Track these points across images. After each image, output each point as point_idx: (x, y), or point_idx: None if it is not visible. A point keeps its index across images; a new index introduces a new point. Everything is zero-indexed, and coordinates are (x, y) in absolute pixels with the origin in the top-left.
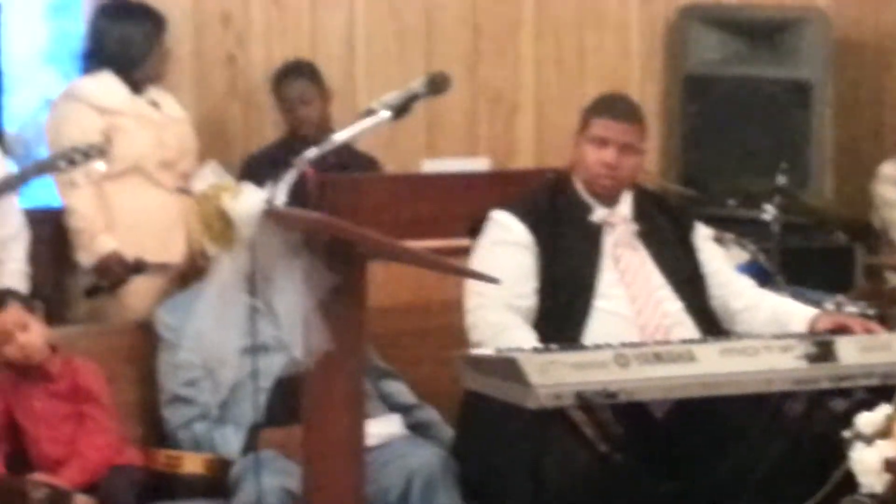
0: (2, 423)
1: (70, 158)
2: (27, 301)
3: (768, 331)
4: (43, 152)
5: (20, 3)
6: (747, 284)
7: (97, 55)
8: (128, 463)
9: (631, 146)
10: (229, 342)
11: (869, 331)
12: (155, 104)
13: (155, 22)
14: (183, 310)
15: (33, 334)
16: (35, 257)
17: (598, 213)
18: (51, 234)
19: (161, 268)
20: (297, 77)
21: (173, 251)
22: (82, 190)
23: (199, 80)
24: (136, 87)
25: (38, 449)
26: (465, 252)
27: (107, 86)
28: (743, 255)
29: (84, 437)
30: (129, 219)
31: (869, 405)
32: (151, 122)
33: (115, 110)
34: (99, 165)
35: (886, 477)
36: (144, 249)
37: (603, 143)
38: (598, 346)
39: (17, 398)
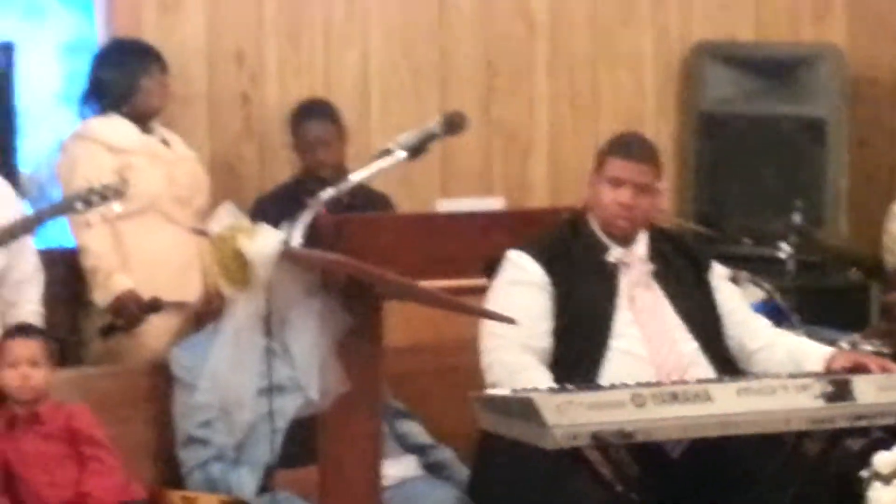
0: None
1: (87, 200)
2: (47, 342)
3: (784, 370)
4: (57, 193)
5: (34, 42)
6: (763, 324)
7: (90, 97)
8: (135, 499)
9: (646, 186)
10: (245, 383)
11: (885, 369)
12: (165, 142)
13: (140, 56)
14: (199, 350)
15: (40, 374)
16: (50, 298)
17: (614, 253)
18: (65, 274)
19: (177, 306)
20: (317, 118)
21: (189, 290)
22: (96, 229)
23: (212, 118)
24: (144, 125)
25: (39, 497)
26: (480, 292)
27: (115, 125)
28: (758, 294)
29: (91, 480)
30: (145, 257)
31: (886, 444)
32: (162, 160)
33: (126, 149)
34: (116, 207)
35: None
36: (160, 288)
37: (618, 183)
38: (614, 387)
39: (10, 444)
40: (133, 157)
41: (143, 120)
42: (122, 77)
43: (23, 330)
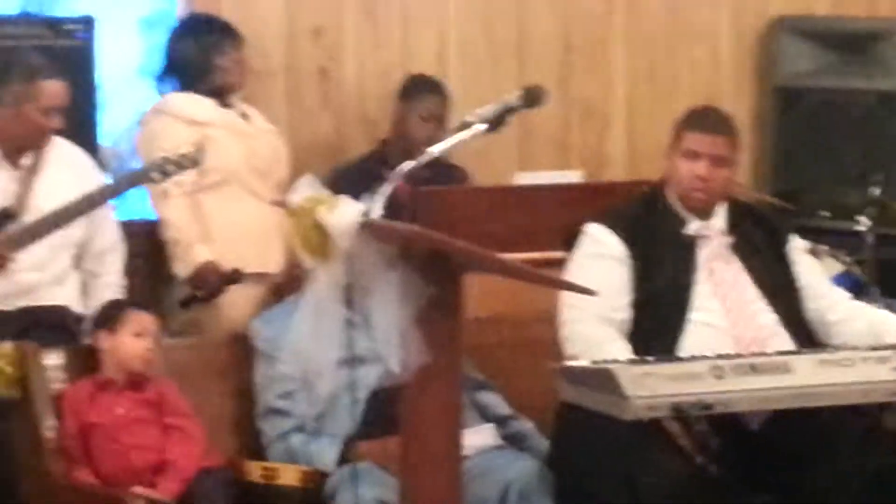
0: (79, 435)
1: (163, 169)
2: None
3: (864, 342)
4: (136, 166)
5: (114, 18)
6: (843, 296)
7: (167, 72)
8: (216, 465)
9: (723, 158)
10: (326, 354)
11: None
12: (244, 116)
13: (213, 32)
14: (280, 322)
15: (156, 350)
16: (131, 270)
17: (693, 226)
18: (146, 246)
19: (258, 278)
20: (435, 93)
21: (271, 261)
22: (176, 200)
23: (290, 93)
24: (223, 100)
25: (126, 458)
26: (558, 264)
27: (193, 100)
28: (837, 267)
29: (175, 447)
30: (226, 229)
31: None
32: (242, 133)
33: (205, 122)
34: (190, 175)
35: None
36: (241, 260)
37: (695, 156)
38: (693, 358)
39: (99, 408)
40: (211, 130)
41: (221, 95)
42: (196, 54)
43: (145, 304)
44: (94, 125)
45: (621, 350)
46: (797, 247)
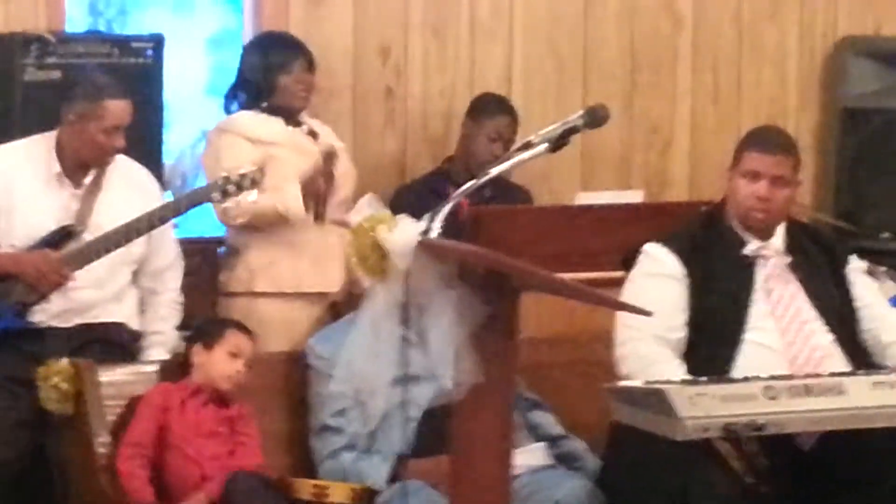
0: (156, 436)
1: (223, 189)
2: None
3: None
4: (199, 184)
5: (182, 35)
6: None
7: (235, 90)
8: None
9: (783, 178)
10: (380, 372)
11: None
12: (313, 134)
13: (283, 51)
14: (335, 340)
15: (248, 374)
16: (189, 286)
17: (751, 246)
18: (204, 263)
19: (319, 297)
20: (509, 115)
21: (331, 280)
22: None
23: (357, 112)
24: (289, 118)
25: (198, 467)
26: (616, 284)
27: (260, 119)
28: (895, 289)
29: (235, 462)
30: (288, 247)
31: None
32: (308, 151)
33: (269, 141)
34: (251, 196)
35: None
36: (302, 278)
37: (755, 176)
38: (746, 379)
39: (183, 414)
40: (276, 150)
41: (286, 114)
42: (262, 73)
43: (247, 328)
44: (160, 143)
45: (676, 370)
46: (855, 267)
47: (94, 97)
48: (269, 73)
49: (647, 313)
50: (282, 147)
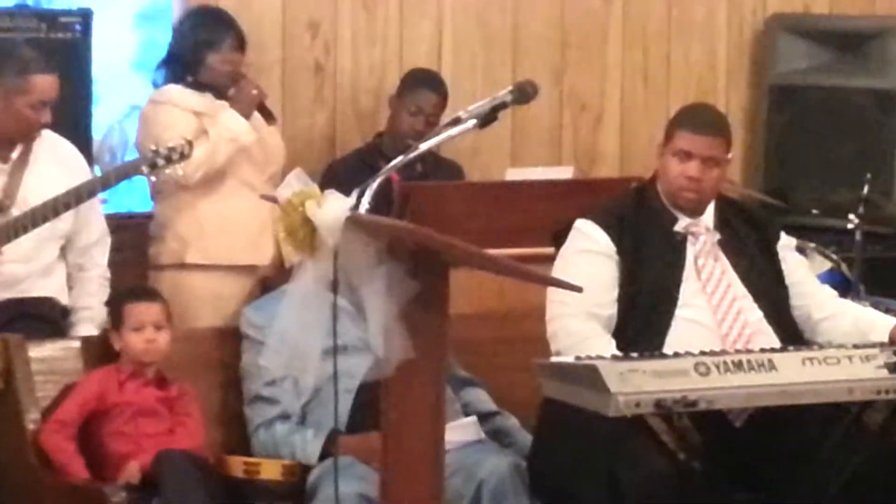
0: (93, 417)
1: (152, 162)
2: (166, 303)
3: (850, 340)
4: (128, 159)
5: (110, 11)
6: (829, 294)
7: (163, 64)
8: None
9: (714, 159)
10: (311, 346)
11: None
12: None
13: (211, 29)
14: (269, 310)
15: (164, 336)
16: (118, 262)
17: (682, 223)
18: (134, 238)
19: (250, 270)
20: (437, 93)
21: (263, 254)
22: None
23: (286, 87)
24: (218, 93)
25: (137, 445)
26: (547, 260)
27: (191, 91)
28: (825, 265)
29: (174, 442)
30: (219, 221)
31: None
32: None
33: (202, 112)
34: (179, 170)
35: None
36: (234, 252)
37: (686, 156)
38: (678, 355)
39: (123, 394)
40: (208, 121)
41: (213, 90)
42: (190, 49)
43: (143, 293)
44: (88, 118)
45: (606, 346)
46: (786, 244)
47: (21, 72)
48: (197, 50)
49: (577, 289)
50: (210, 118)
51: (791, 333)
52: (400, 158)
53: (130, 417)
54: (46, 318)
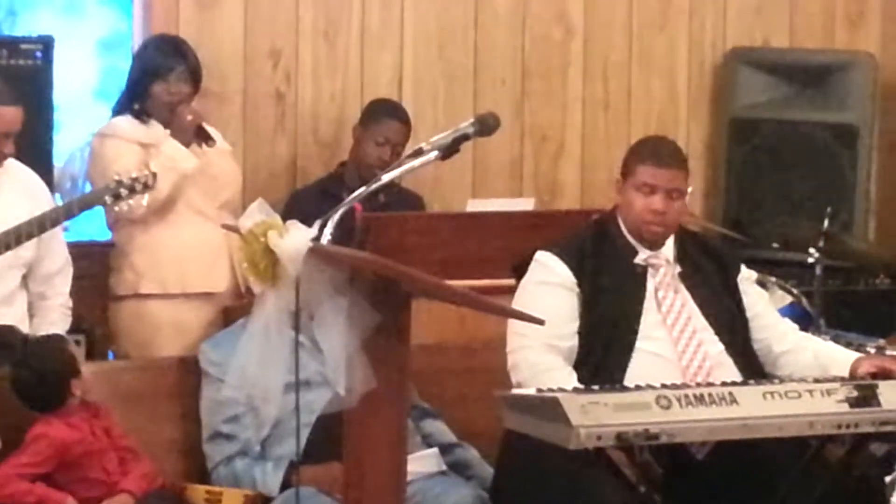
0: (60, 469)
1: (115, 192)
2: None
3: (810, 374)
4: (89, 187)
5: (71, 38)
6: (790, 328)
7: (129, 92)
8: (162, 487)
9: (678, 190)
10: (273, 378)
11: None
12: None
13: (162, 59)
14: (228, 345)
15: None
16: (79, 291)
17: (642, 256)
18: (95, 267)
19: (206, 297)
20: (400, 121)
21: (218, 280)
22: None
23: (247, 116)
24: (166, 123)
25: (107, 486)
26: (508, 292)
27: (137, 122)
28: (785, 298)
29: (129, 471)
30: (173, 248)
31: None
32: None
33: (150, 144)
34: (143, 200)
35: None
36: (188, 279)
37: (650, 189)
38: (639, 388)
39: (80, 441)
40: (153, 151)
41: (160, 119)
42: (138, 77)
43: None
44: (50, 146)
45: (567, 378)
46: (746, 277)
47: None
48: (145, 79)
49: (538, 321)
50: (159, 150)
51: (752, 367)
52: (363, 189)
53: (97, 461)
54: (7, 346)
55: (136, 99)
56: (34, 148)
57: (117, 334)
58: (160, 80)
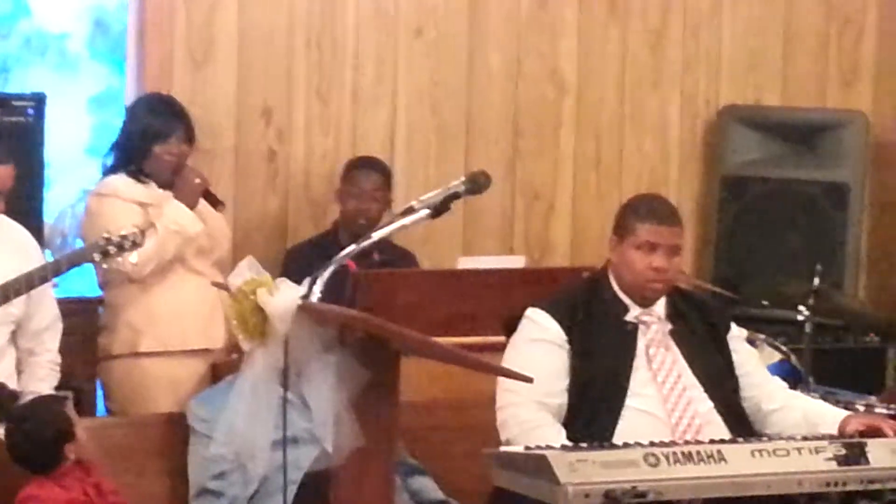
0: None
1: (104, 250)
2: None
3: (799, 432)
4: (80, 244)
5: (63, 95)
6: (779, 385)
7: (113, 151)
8: None
9: (678, 247)
10: (261, 435)
11: None
12: None
13: (162, 120)
14: (216, 402)
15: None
16: (68, 347)
17: (633, 313)
18: (84, 323)
19: (203, 354)
20: (374, 170)
21: (214, 337)
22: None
23: (239, 173)
24: (162, 181)
25: None
26: (499, 349)
27: (134, 181)
28: (775, 356)
29: None
30: (169, 308)
31: None
32: None
33: (149, 203)
34: (132, 257)
35: None
36: (185, 337)
37: (652, 248)
38: (627, 445)
39: (83, 495)
40: (154, 211)
41: (157, 179)
42: (138, 138)
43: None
44: (41, 202)
45: (556, 435)
46: (736, 335)
47: None
48: (145, 139)
49: (527, 379)
50: (155, 209)
51: (741, 424)
52: (352, 247)
53: None
54: None
55: (133, 159)
56: (25, 204)
57: (110, 392)
58: (160, 141)
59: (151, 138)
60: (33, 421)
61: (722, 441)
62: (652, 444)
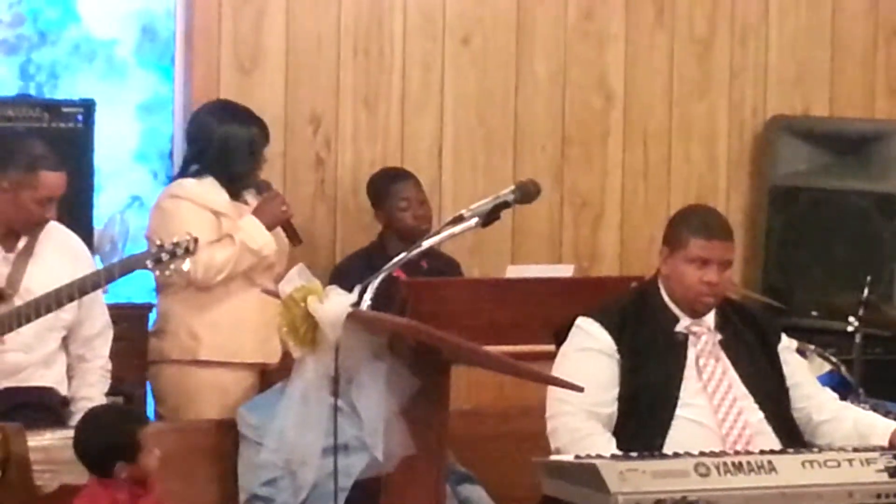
0: None
1: (157, 257)
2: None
3: (850, 443)
4: (129, 249)
5: (112, 101)
6: (830, 397)
7: (199, 157)
8: None
9: (729, 261)
10: (311, 442)
11: None
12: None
13: (260, 128)
14: (266, 409)
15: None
16: (118, 353)
17: (683, 324)
18: (133, 329)
19: (259, 367)
20: (410, 178)
21: (270, 353)
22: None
23: (287, 181)
24: (236, 192)
25: None
26: (547, 357)
27: (210, 188)
28: (824, 367)
29: None
30: (229, 320)
31: None
32: None
33: (223, 213)
34: (184, 265)
35: None
36: (244, 350)
37: (704, 262)
38: (678, 455)
39: None
40: (225, 221)
41: (231, 186)
42: (237, 145)
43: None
44: (90, 208)
45: (606, 444)
46: (786, 346)
47: (30, 167)
48: (244, 146)
49: (578, 388)
50: (227, 219)
51: (791, 435)
52: (402, 255)
53: None
54: (46, 408)
55: (213, 163)
56: (75, 210)
57: (163, 397)
58: (259, 147)
59: (250, 144)
60: (94, 425)
61: (772, 452)
62: (702, 454)
